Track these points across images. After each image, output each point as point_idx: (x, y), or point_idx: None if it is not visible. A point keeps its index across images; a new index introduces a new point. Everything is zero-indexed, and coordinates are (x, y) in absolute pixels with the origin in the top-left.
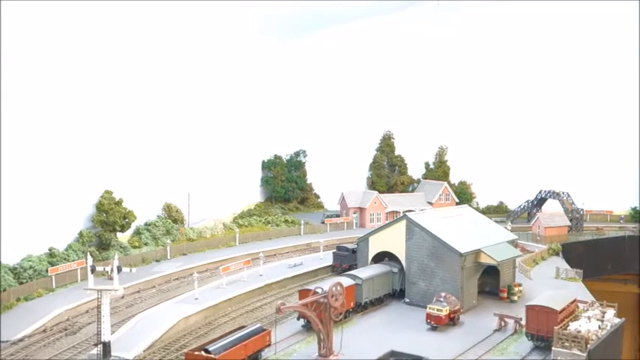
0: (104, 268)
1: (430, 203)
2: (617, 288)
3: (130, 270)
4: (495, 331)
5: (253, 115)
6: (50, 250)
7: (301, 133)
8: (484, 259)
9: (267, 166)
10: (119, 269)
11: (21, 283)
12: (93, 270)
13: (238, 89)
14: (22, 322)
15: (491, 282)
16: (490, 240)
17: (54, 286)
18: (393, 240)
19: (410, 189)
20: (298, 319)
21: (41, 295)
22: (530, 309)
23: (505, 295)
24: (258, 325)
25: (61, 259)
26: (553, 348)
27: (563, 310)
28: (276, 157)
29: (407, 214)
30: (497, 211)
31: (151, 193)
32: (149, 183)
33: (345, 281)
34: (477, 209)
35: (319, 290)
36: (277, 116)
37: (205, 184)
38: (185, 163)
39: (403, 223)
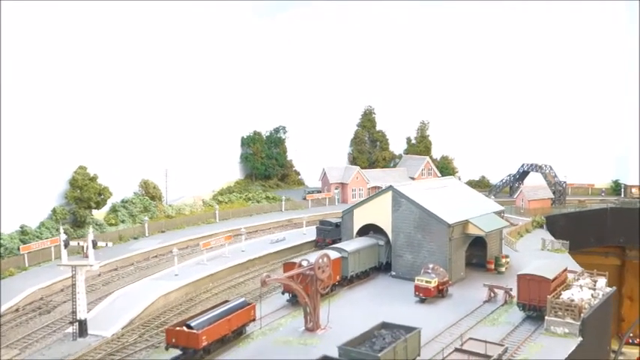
0: (78, 243)
1: (412, 178)
2: (600, 260)
3: (106, 244)
4: (485, 302)
5: (232, 91)
6: (22, 227)
7: (281, 110)
8: (472, 230)
9: (246, 142)
10: (94, 244)
11: None
12: (67, 245)
13: (218, 65)
14: None
15: (478, 254)
16: (477, 211)
17: (27, 265)
18: (379, 212)
19: (392, 164)
20: (283, 293)
21: (13, 274)
22: (521, 278)
23: (492, 266)
24: (243, 299)
25: (34, 237)
26: (546, 317)
27: (555, 279)
28: (255, 133)
29: (393, 185)
30: (479, 186)
31: (128, 169)
32: (125, 159)
33: (331, 254)
34: None
35: (305, 263)
36: (257, 92)
37: (184, 161)
38: (163, 139)
39: (389, 194)
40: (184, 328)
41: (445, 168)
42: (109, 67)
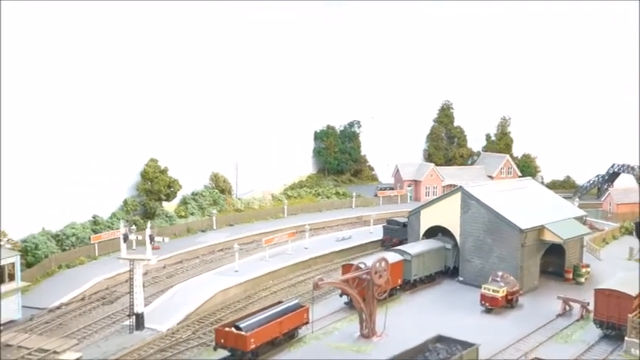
0: (137, 237)
1: (490, 177)
2: None
3: (163, 240)
4: (558, 316)
5: (306, 85)
6: (94, 217)
7: (356, 104)
8: (548, 237)
9: (319, 136)
10: (152, 238)
11: (64, 250)
12: (126, 238)
13: (292, 58)
14: (62, 290)
15: (555, 262)
16: (555, 216)
17: (97, 254)
18: (447, 214)
19: (469, 162)
20: (341, 295)
21: (83, 263)
22: (600, 293)
23: (571, 276)
24: (296, 301)
25: (105, 227)
26: (626, 338)
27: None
28: (329, 127)
29: (462, 185)
30: (563, 186)
31: (199, 162)
32: (197, 152)
33: (393, 257)
34: (542, 184)
35: (362, 266)
36: (331, 86)
37: (256, 155)
38: (235, 134)
39: (458, 195)
40: (233, 330)
41: (527, 167)
42: (183, 59)
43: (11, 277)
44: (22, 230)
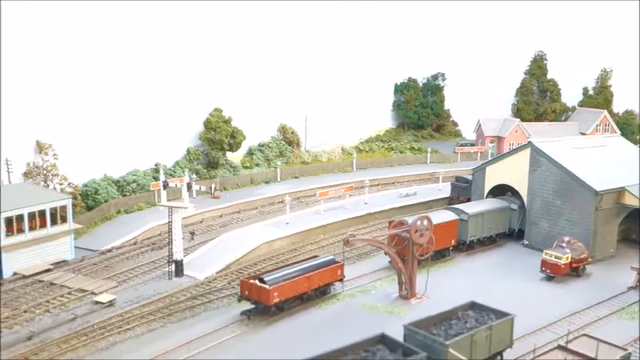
0: (176, 185)
1: (584, 134)
2: None
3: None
4: (630, 288)
5: (387, 36)
6: (156, 165)
7: (440, 56)
8: (629, 201)
9: (399, 89)
10: (189, 186)
11: (124, 196)
12: (165, 186)
13: (374, 6)
14: (117, 234)
15: (638, 229)
16: None
17: (156, 202)
18: (515, 171)
19: (563, 118)
20: (386, 253)
21: (142, 209)
22: None
23: None
24: (332, 256)
25: (167, 175)
26: None
27: None
28: (410, 80)
29: (532, 140)
30: None
31: (267, 114)
32: (266, 104)
33: (447, 215)
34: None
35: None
36: (413, 36)
37: (329, 108)
38: (307, 85)
39: (527, 151)
40: (257, 282)
41: (627, 124)
42: (253, 6)
43: (63, 220)
44: (84, 175)
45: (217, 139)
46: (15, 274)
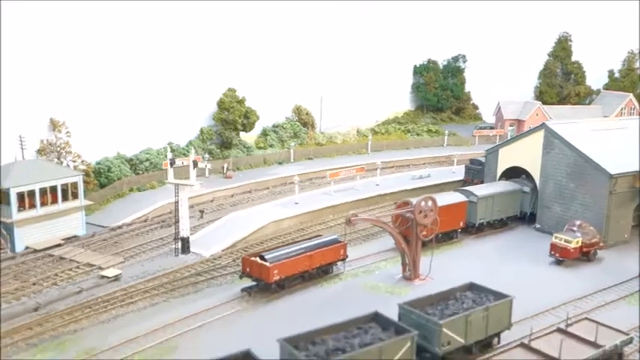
0: (182, 163)
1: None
2: None
3: (206, 165)
4: None
5: (407, 15)
6: (169, 144)
7: (461, 37)
8: None
9: (419, 71)
10: (195, 164)
11: (137, 174)
12: (172, 163)
13: None
14: (128, 211)
15: None
16: None
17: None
18: (528, 153)
19: (587, 101)
20: (390, 233)
21: (154, 188)
22: None
23: None
24: (335, 236)
25: (180, 154)
26: None
27: None
28: (430, 61)
29: (546, 122)
30: None
31: (282, 94)
32: (281, 85)
33: (456, 197)
34: None
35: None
36: (434, 17)
37: (346, 90)
38: (323, 67)
39: (541, 133)
40: (258, 259)
41: None
42: None
43: (75, 196)
44: (98, 153)
45: (231, 119)
46: (27, 248)
